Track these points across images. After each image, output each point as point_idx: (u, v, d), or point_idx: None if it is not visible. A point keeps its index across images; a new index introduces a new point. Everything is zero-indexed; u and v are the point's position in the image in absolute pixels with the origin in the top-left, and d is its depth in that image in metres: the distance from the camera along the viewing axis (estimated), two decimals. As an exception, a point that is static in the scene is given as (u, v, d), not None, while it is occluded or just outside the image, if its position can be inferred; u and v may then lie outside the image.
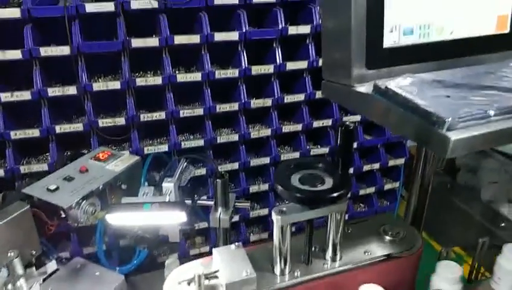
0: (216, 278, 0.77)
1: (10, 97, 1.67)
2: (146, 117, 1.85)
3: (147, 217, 1.04)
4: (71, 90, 1.72)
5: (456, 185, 1.44)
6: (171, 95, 1.86)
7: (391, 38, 0.76)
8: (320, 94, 1.99)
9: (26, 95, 1.68)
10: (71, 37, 1.65)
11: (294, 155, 2.14)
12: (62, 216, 1.00)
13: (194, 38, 1.78)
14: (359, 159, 2.28)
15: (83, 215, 1.02)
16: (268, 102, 1.99)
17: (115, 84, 1.76)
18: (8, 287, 0.96)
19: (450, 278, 0.85)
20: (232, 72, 1.89)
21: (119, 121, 1.82)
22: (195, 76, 1.85)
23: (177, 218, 1.04)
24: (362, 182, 2.42)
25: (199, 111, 1.91)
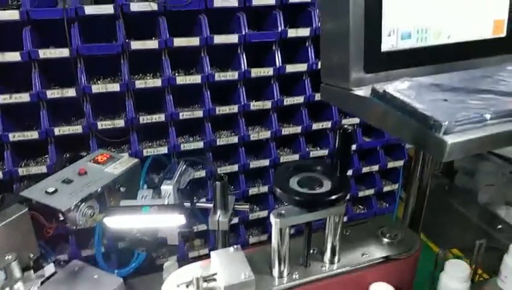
0: (214, 280, 0.77)
1: (9, 99, 1.67)
2: (145, 119, 1.85)
3: (145, 220, 1.04)
4: (70, 92, 1.72)
5: (454, 187, 1.45)
6: (171, 97, 1.86)
7: (389, 42, 0.76)
8: (319, 96, 1.99)
9: (25, 97, 1.68)
10: (70, 39, 1.65)
11: (293, 157, 2.14)
12: (61, 219, 1.00)
13: (193, 41, 1.79)
14: (358, 161, 2.28)
15: (81, 218, 1.02)
16: (268, 104, 2.00)
17: (114, 87, 1.76)
18: (6, 290, 0.96)
19: (460, 277, 0.85)
20: (231, 75, 1.89)
21: (119, 123, 1.82)
22: (195, 78, 1.85)
23: (175, 221, 1.04)
24: (361, 184, 2.43)
25: (199, 113, 1.91)
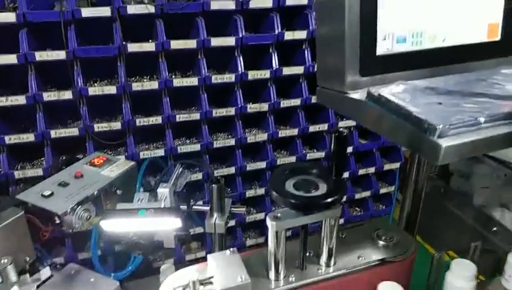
0: (211, 284, 0.77)
1: (5, 102, 1.66)
2: (142, 122, 1.85)
3: (141, 224, 1.04)
4: (67, 94, 1.71)
5: (450, 189, 1.46)
6: (168, 99, 1.86)
7: (384, 46, 0.77)
8: (316, 99, 2.00)
9: (21, 100, 1.67)
10: (67, 41, 1.65)
11: (290, 159, 2.15)
12: (57, 222, 1.00)
13: (190, 43, 1.79)
14: (355, 163, 2.29)
15: (77, 221, 1.02)
16: (265, 107, 2.00)
17: (110, 89, 1.76)
18: (1, 294, 0.95)
19: (466, 276, 0.86)
20: (228, 77, 1.89)
21: (115, 126, 1.82)
22: (192, 81, 1.85)
23: (172, 224, 1.04)
24: (358, 186, 2.43)
25: (195, 116, 1.91)
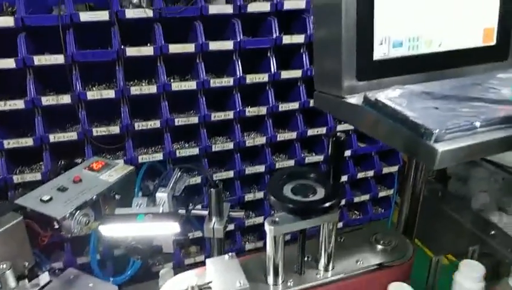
0: (209, 288, 0.77)
1: (3, 106, 1.66)
2: (141, 126, 1.85)
3: (140, 228, 1.04)
4: (65, 98, 1.72)
5: (447, 193, 1.46)
6: (166, 103, 1.86)
7: (381, 51, 0.78)
8: (314, 102, 2.00)
9: (19, 104, 1.68)
10: (65, 45, 1.65)
11: (289, 163, 2.15)
12: (55, 227, 1.00)
13: (188, 47, 1.79)
14: (353, 167, 2.29)
15: (76, 226, 1.02)
16: (263, 110, 2.01)
17: (109, 93, 1.76)
18: (-1, 299, 0.95)
19: (475, 277, 0.86)
20: (226, 81, 1.90)
21: (114, 130, 1.82)
22: (190, 84, 1.86)
23: (170, 229, 1.04)
24: (357, 190, 2.43)
25: (194, 119, 1.91)
